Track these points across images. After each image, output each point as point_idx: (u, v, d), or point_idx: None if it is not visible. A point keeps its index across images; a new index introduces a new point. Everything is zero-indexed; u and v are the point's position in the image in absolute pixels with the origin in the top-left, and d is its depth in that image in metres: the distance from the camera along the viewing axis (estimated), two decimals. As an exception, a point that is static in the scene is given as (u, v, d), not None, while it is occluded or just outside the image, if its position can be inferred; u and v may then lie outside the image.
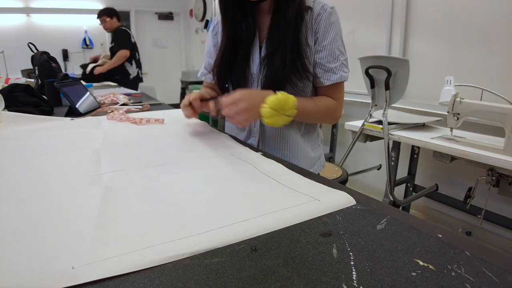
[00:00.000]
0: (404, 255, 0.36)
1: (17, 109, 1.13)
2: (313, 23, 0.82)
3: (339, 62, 0.83)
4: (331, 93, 0.87)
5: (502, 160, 1.30)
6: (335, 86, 0.85)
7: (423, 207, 2.29)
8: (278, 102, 0.70)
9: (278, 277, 0.33)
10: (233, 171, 0.62)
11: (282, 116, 0.73)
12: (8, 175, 0.59)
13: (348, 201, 0.50)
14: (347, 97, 2.69)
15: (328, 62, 0.83)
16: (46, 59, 1.79)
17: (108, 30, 3.37)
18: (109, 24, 3.29)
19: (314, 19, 0.82)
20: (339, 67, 0.84)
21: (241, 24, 0.86)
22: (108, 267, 0.33)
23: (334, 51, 0.83)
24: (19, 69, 3.38)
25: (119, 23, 3.34)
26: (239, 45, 0.87)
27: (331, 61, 0.83)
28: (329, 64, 0.83)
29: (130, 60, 3.30)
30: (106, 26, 3.32)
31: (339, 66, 0.84)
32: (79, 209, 0.46)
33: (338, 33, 0.83)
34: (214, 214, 0.45)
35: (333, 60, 0.83)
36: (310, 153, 0.95)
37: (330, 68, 0.83)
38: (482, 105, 1.36)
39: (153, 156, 0.71)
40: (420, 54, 2.15)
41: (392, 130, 1.76)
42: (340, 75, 0.84)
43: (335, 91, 0.87)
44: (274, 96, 0.71)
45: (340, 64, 0.84)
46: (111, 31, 3.35)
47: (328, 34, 0.82)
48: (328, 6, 0.82)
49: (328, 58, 0.83)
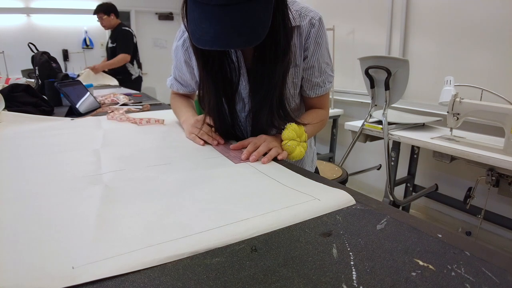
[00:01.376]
0: (404, 255, 0.36)
1: (17, 109, 1.13)
2: (303, 42, 0.78)
3: (325, 75, 0.83)
4: (319, 103, 0.89)
5: (502, 160, 1.30)
6: (324, 98, 0.87)
7: (423, 207, 2.29)
8: (294, 132, 0.74)
9: (278, 277, 0.33)
10: (233, 171, 0.62)
11: (299, 144, 0.75)
12: (8, 175, 0.59)
13: (348, 200, 0.50)
14: (347, 97, 2.70)
15: (315, 77, 0.83)
16: (47, 59, 1.79)
17: (106, 27, 3.16)
18: (106, 21, 3.07)
19: (303, 39, 0.77)
20: (325, 80, 0.84)
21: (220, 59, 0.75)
22: (108, 267, 0.33)
23: (321, 65, 0.81)
24: (19, 69, 3.38)
25: (118, 20, 3.13)
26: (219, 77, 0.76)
27: (318, 76, 0.82)
28: (316, 79, 0.83)
29: (131, 61, 3.17)
30: (104, 23, 3.10)
31: (325, 79, 0.84)
32: (79, 209, 0.46)
33: (325, 46, 0.81)
34: (214, 214, 0.45)
35: (320, 75, 0.82)
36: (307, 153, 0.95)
37: (317, 83, 0.83)
38: (482, 105, 1.36)
39: (153, 156, 0.71)
40: (420, 54, 2.15)
41: (392, 130, 1.76)
42: (326, 88, 0.85)
43: (322, 101, 0.88)
44: (287, 129, 0.73)
45: (327, 76, 0.84)
46: (110, 28, 3.15)
47: (316, 51, 0.80)
48: (315, 20, 0.76)
49: (315, 74, 0.82)
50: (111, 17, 3.06)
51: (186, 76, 0.92)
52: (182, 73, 0.92)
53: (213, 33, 0.57)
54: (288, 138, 0.73)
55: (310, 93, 0.85)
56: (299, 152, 0.74)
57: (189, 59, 0.87)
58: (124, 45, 3.09)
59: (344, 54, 2.63)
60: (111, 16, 3.06)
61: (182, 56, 0.88)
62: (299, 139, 0.75)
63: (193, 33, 0.60)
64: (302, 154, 0.75)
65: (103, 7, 3.03)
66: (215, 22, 0.57)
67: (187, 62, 0.88)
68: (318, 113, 0.88)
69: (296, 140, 0.74)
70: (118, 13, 3.13)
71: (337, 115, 2.65)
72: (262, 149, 0.70)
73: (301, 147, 0.75)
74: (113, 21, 3.09)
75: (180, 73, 0.93)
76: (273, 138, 0.75)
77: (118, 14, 3.14)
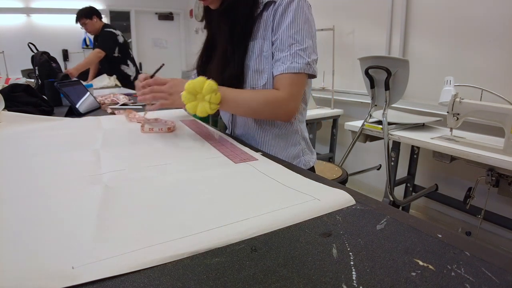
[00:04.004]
0: (404, 255, 0.36)
1: (17, 109, 1.13)
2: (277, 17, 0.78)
3: (291, 51, 0.76)
4: (277, 84, 0.79)
5: (502, 160, 1.30)
6: (283, 77, 0.78)
7: (423, 207, 2.29)
8: (193, 86, 0.72)
9: (278, 277, 0.33)
10: (233, 171, 0.62)
11: (202, 102, 0.73)
12: (8, 175, 0.59)
13: (348, 200, 0.50)
14: (347, 97, 2.69)
15: (279, 51, 0.78)
16: (46, 59, 1.79)
17: (91, 33, 2.90)
18: (90, 26, 2.82)
19: (274, 11, 0.78)
20: (290, 57, 0.76)
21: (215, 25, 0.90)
22: (108, 267, 0.33)
23: (286, 39, 0.76)
24: (19, 69, 3.38)
25: (102, 22, 2.88)
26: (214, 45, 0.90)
27: (282, 49, 0.77)
28: (279, 53, 0.78)
29: (125, 61, 2.95)
30: (88, 29, 2.84)
31: (290, 56, 0.76)
32: (79, 209, 0.46)
33: (296, 20, 0.76)
34: (214, 214, 0.45)
35: (283, 50, 0.77)
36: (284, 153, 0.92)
37: (279, 58, 0.78)
38: (481, 105, 1.36)
39: (153, 156, 0.71)
40: (420, 54, 2.15)
41: (392, 130, 1.76)
42: (289, 66, 0.76)
43: (282, 81, 0.78)
44: (191, 81, 0.73)
45: (293, 53, 0.76)
46: (96, 33, 2.89)
47: (282, 22, 0.76)
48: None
49: (279, 47, 0.77)
50: (93, 20, 2.82)
51: None
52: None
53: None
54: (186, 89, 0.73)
55: (273, 71, 0.80)
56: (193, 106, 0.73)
57: None
58: (101, 42, 2.82)
59: (344, 54, 2.63)
60: (94, 19, 2.82)
61: None
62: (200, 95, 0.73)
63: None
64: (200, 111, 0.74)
65: (84, 12, 2.80)
66: None
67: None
68: (270, 91, 0.80)
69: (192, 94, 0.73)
70: (100, 14, 2.90)
71: (337, 115, 2.65)
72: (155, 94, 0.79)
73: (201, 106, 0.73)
74: (97, 24, 2.85)
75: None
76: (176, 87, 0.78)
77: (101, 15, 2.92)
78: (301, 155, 0.94)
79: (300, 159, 0.94)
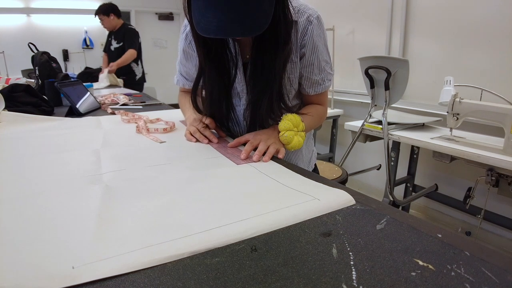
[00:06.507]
0: (404, 255, 0.36)
1: (17, 109, 1.13)
2: (299, 39, 0.78)
3: (325, 73, 0.84)
4: (318, 100, 0.89)
5: (502, 160, 1.30)
6: (321, 94, 0.87)
7: (422, 207, 2.29)
8: (290, 122, 0.75)
9: (278, 277, 0.33)
10: (233, 171, 0.62)
11: (297, 134, 0.76)
12: (8, 175, 0.59)
13: (348, 200, 0.50)
14: (347, 97, 2.70)
15: (314, 75, 0.83)
16: (47, 59, 1.79)
17: (108, 28, 3.10)
18: (106, 22, 3.02)
19: (299, 34, 0.77)
20: (325, 78, 0.84)
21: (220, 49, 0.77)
22: (108, 267, 0.33)
23: (320, 63, 0.82)
24: (19, 69, 3.38)
25: (121, 20, 3.08)
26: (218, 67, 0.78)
27: (317, 73, 0.83)
28: (315, 77, 0.83)
29: (136, 60, 3.13)
30: (104, 24, 3.06)
31: (325, 77, 0.84)
32: (79, 209, 0.46)
33: (324, 44, 0.81)
34: (214, 214, 0.45)
35: (319, 73, 0.83)
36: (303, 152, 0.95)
37: (316, 80, 0.84)
38: (481, 105, 1.36)
39: (153, 156, 0.71)
40: (420, 54, 2.15)
41: (392, 130, 1.76)
42: (325, 85, 0.86)
43: (321, 98, 0.89)
44: (283, 120, 0.75)
45: (326, 74, 0.84)
46: (112, 29, 3.09)
47: (315, 48, 0.79)
48: (313, 17, 0.77)
49: (314, 71, 0.82)
50: (110, 17, 3.01)
51: (191, 70, 0.92)
52: (186, 67, 0.93)
53: (217, 22, 0.59)
54: (285, 128, 0.74)
55: (309, 91, 0.86)
56: (297, 142, 0.76)
57: (192, 51, 0.88)
58: (131, 41, 3.06)
59: (344, 54, 2.63)
60: (111, 16, 3.01)
61: (185, 49, 0.89)
62: (296, 129, 0.76)
63: (197, 22, 0.62)
64: (300, 144, 0.77)
65: (102, 8, 3.00)
66: (220, 11, 0.59)
67: (190, 54, 0.89)
68: (317, 108, 0.89)
69: (293, 130, 0.75)
70: (119, 12, 3.07)
71: (337, 115, 2.65)
72: (261, 148, 0.71)
73: (299, 137, 0.76)
74: (114, 22, 3.04)
75: (185, 67, 0.94)
76: (268, 135, 0.76)
77: (120, 13, 3.08)
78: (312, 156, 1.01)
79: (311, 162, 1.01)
